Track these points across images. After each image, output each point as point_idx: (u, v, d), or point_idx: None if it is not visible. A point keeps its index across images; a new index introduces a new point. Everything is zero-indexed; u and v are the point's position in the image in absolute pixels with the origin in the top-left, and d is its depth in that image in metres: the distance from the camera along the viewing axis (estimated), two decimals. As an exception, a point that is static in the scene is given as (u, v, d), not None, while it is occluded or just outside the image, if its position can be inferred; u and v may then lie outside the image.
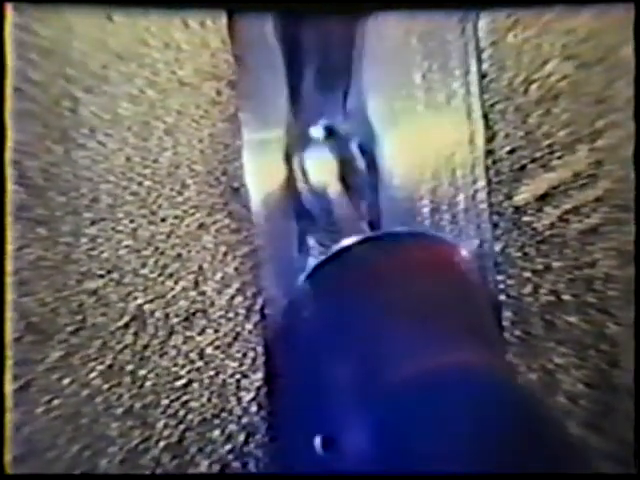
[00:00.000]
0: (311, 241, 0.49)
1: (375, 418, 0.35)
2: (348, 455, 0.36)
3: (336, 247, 0.43)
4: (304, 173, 0.49)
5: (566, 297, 0.50)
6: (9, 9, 0.42)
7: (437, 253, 0.44)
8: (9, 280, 0.43)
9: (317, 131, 0.50)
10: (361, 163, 0.50)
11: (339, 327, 0.40)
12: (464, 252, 0.46)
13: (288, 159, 0.49)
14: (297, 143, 0.50)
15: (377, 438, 0.35)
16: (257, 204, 0.47)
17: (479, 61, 0.49)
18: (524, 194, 0.50)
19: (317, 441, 0.38)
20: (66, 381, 0.44)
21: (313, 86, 0.50)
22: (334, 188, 0.49)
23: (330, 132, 0.51)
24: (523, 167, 0.49)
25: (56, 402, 0.44)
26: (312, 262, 0.46)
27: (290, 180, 0.49)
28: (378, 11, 0.45)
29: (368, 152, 0.50)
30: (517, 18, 0.49)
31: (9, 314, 0.43)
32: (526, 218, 0.50)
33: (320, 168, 0.50)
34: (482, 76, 0.49)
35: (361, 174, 0.50)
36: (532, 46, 0.49)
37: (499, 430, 0.34)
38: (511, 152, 0.49)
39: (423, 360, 0.37)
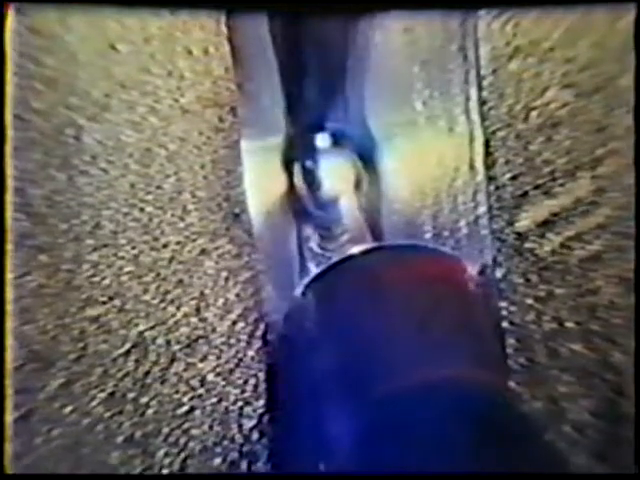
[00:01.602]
0: (312, 266, 0.49)
1: (372, 428, 0.35)
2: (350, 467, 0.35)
3: (338, 254, 0.43)
4: (311, 182, 0.49)
5: (570, 324, 0.50)
6: (11, 38, 0.43)
7: (439, 266, 0.44)
8: (10, 308, 0.43)
9: (323, 138, 0.50)
10: (364, 176, 0.50)
11: (338, 337, 0.40)
12: (467, 266, 0.46)
13: (288, 167, 0.49)
14: (299, 151, 0.50)
15: (376, 447, 0.34)
16: (257, 214, 0.47)
17: (480, 88, 0.49)
18: (526, 220, 0.50)
19: (321, 468, 0.38)
20: (67, 410, 0.44)
21: (314, 91, 0.50)
22: (348, 196, 0.49)
23: (336, 140, 0.50)
24: (525, 193, 0.50)
25: (56, 432, 0.44)
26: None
27: (292, 190, 0.49)
28: (378, 11, 0.45)
29: (370, 166, 0.50)
30: (517, 46, 0.49)
31: (10, 342, 0.43)
32: (528, 244, 0.50)
33: (335, 176, 0.50)
34: (482, 103, 0.49)
35: (363, 187, 0.50)
36: (532, 74, 0.50)
37: (486, 445, 0.33)
38: (513, 178, 0.50)
39: (422, 373, 0.37)
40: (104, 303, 0.45)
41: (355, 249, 0.43)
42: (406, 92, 0.50)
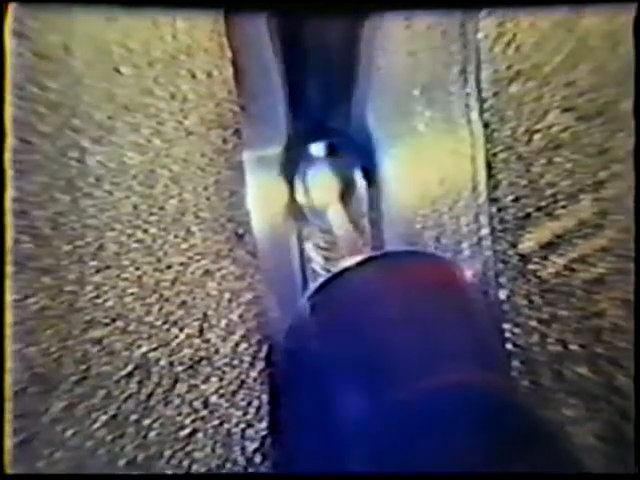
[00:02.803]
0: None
1: (378, 436, 0.35)
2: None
3: (337, 268, 0.43)
4: (305, 192, 0.49)
5: (574, 347, 0.50)
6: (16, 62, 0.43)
7: (439, 272, 0.44)
8: (14, 330, 0.43)
9: (318, 148, 0.50)
10: (363, 190, 0.50)
11: (340, 348, 0.40)
12: (466, 272, 0.46)
13: (289, 177, 0.50)
14: (298, 160, 0.50)
15: (381, 455, 0.34)
16: (259, 225, 0.47)
17: (482, 111, 0.50)
18: (529, 242, 0.50)
19: None
20: (69, 433, 0.44)
21: (315, 99, 0.50)
22: (334, 208, 0.49)
23: (332, 150, 0.51)
24: (527, 215, 0.50)
25: (58, 455, 0.44)
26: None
27: (292, 200, 0.49)
28: (378, 12, 0.45)
29: (371, 180, 0.50)
30: (518, 69, 0.50)
31: (13, 365, 0.43)
32: (531, 266, 0.50)
33: (321, 186, 0.50)
34: (485, 125, 0.50)
35: (362, 199, 0.50)
36: (532, 97, 0.50)
37: (500, 448, 0.33)
38: (515, 200, 0.50)
39: (426, 380, 0.36)
40: (107, 325, 0.45)
41: (349, 261, 0.43)
42: (408, 114, 0.50)
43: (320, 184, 0.50)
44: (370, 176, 0.50)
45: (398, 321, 0.39)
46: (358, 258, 0.43)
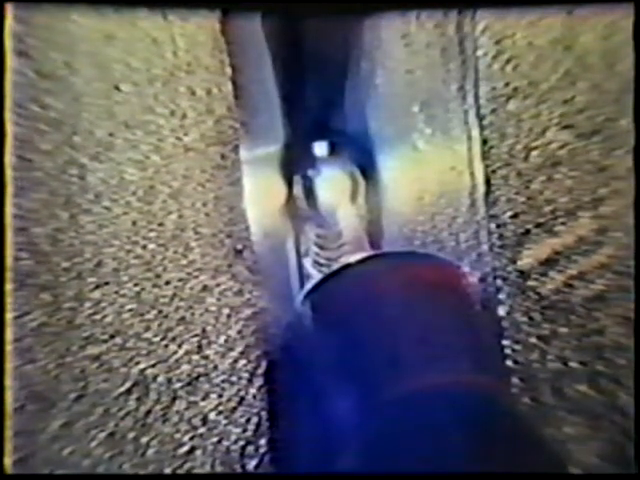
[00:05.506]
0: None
1: (373, 436, 0.35)
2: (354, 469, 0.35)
3: (337, 265, 0.43)
4: (309, 193, 0.49)
5: (574, 365, 0.49)
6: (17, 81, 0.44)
7: (439, 273, 0.44)
8: (12, 347, 0.43)
9: (321, 147, 0.50)
10: (360, 186, 0.50)
11: (337, 344, 0.40)
12: (467, 274, 0.46)
13: (288, 176, 0.50)
14: (298, 160, 0.50)
15: (375, 455, 0.34)
16: (256, 227, 0.47)
17: (481, 128, 0.50)
18: (528, 259, 0.50)
19: None
20: (67, 451, 0.44)
21: (313, 98, 0.50)
22: (345, 207, 0.49)
23: (334, 148, 0.50)
24: (526, 232, 0.50)
25: (56, 474, 0.43)
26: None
27: (290, 198, 0.49)
28: (377, 12, 0.46)
29: (369, 179, 0.50)
30: (516, 87, 0.50)
31: (11, 382, 0.43)
32: (531, 283, 0.49)
33: (332, 186, 0.50)
34: (483, 142, 0.50)
35: (359, 197, 0.50)
36: (531, 115, 0.50)
37: (493, 449, 0.33)
38: (514, 217, 0.50)
39: (423, 379, 0.36)
40: (105, 341, 0.45)
41: (349, 258, 0.43)
42: (407, 130, 0.50)
43: (330, 185, 0.50)
44: (368, 175, 0.50)
45: (395, 320, 0.39)
46: (358, 256, 0.43)
